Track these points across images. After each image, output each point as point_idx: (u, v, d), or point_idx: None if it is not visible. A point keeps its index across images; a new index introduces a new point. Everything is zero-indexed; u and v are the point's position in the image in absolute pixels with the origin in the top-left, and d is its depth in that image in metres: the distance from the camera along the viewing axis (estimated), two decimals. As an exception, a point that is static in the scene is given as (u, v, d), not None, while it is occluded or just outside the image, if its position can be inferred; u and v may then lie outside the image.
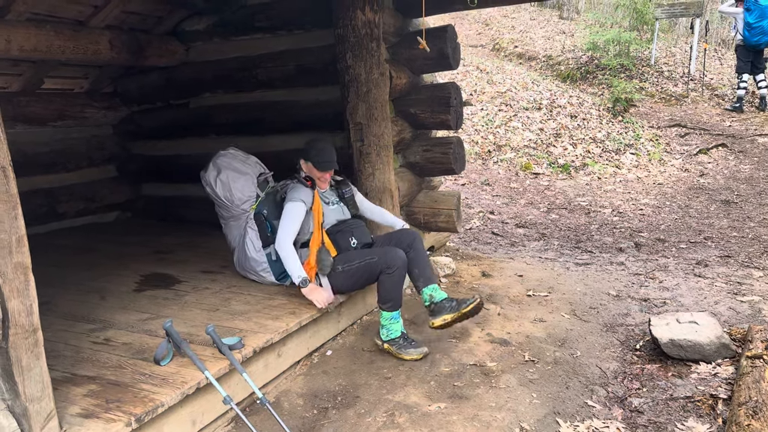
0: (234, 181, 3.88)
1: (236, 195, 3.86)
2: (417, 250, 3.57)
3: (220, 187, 3.90)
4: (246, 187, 3.88)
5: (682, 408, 2.91)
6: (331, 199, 3.79)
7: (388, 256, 3.40)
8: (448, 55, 4.58)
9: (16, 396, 2.04)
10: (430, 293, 3.47)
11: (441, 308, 3.39)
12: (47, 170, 5.66)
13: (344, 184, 3.90)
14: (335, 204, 3.79)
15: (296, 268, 3.38)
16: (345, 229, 3.69)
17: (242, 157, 4.09)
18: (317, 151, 3.62)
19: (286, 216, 3.50)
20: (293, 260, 3.39)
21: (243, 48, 5.26)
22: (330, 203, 3.76)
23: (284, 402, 3.07)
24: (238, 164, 3.98)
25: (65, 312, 3.49)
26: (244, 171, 3.95)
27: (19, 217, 2.01)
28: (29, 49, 4.29)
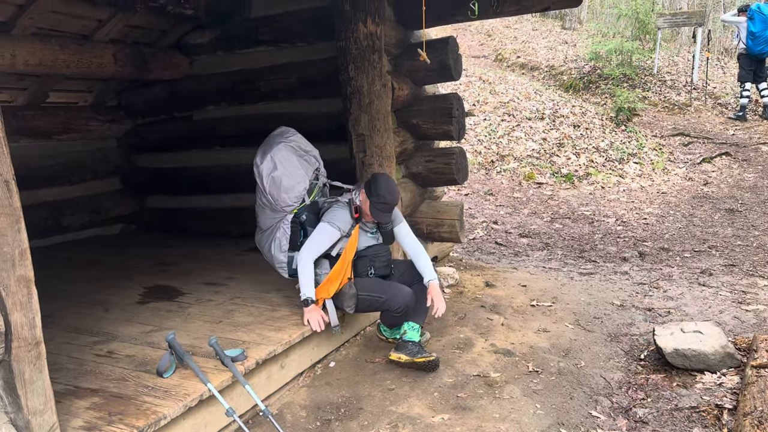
0: (287, 182, 3.60)
1: (283, 197, 3.62)
2: (422, 287, 3.54)
3: (270, 183, 3.62)
4: (295, 191, 3.62)
5: (687, 418, 2.89)
6: (370, 228, 3.65)
7: (397, 300, 3.41)
8: (450, 66, 4.60)
9: (19, 409, 2.04)
10: (406, 329, 3.48)
11: (403, 347, 3.43)
12: (52, 183, 5.70)
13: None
14: (373, 233, 3.66)
15: (307, 286, 3.37)
16: (369, 254, 3.60)
17: (304, 148, 3.76)
18: (379, 196, 3.37)
19: (317, 234, 3.45)
20: (308, 278, 3.38)
21: (246, 61, 5.31)
22: (368, 232, 3.64)
23: (287, 414, 3.06)
24: (296, 161, 3.67)
25: (68, 324, 3.50)
26: (300, 172, 3.65)
27: (22, 231, 2.02)
28: (34, 64, 4.34)
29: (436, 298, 3.44)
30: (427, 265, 3.59)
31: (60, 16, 4.41)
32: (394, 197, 3.42)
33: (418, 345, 3.44)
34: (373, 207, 3.39)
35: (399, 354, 3.41)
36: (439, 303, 3.44)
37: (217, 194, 5.95)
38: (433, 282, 3.50)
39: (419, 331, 3.49)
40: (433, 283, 3.50)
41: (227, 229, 5.89)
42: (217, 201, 5.99)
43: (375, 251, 3.63)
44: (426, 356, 3.37)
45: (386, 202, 3.37)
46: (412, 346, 3.41)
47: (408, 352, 3.39)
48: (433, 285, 3.49)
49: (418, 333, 3.47)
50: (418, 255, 3.64)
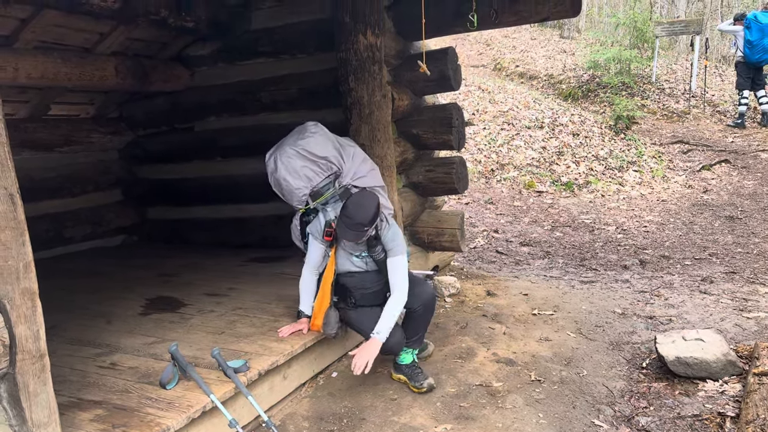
0: (285, 186, 3.50)
1: (286, 197, 3.57)
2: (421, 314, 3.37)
3: (273, 182, 3.57)
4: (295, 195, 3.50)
5: (689, 426, 2.89)
6: (359, 252, 3.38)
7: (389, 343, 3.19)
8: (449, 76, 4.63)
9: (23, 422, 2.05)
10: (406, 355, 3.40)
11: (399, 369, 3.43)
12: (54, 195, 5.71)
13: (375, 244, 3.29)
14: (361, 258, 3.39)
15: (303, 300, 3.47)
16: (351, 283, 3.41)
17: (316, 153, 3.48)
18: (345, 209, 3.16)
19: (309, 246, 3.49)
20: (302, 291, 3.48)
21: (247, 72, 5.34)
22: (353, 255, 3.39)
23: (290, 425, 3.06)
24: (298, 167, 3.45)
25: (71, 337, 3.51)
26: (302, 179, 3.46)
27: (27, 244, 2.04)
28: (36, 77, 4.37)
29: (359, 352, 3.10)
30: (388, 313, 3.18)
31: (62, 29, 4.44)
32: (359, 214, 3.10)
33: (412, 367, 3.39)
34: (339, 221, 3.19)
35: (398, 375, 3.43)
36: (357, 359, 3.06)
37: (217, 205, 5.97)
38: (375, 337, 3.11)
39: (414, 354, 3.43)
40: (375, 338, 3.11)
41: (228, 239, 5.91)
42: (218, 212, 6.01)
43: (360, 280, 3.40)
44: (418, 387, 3.29)
45: (349, 217, 3.10)
46: (406, 368, 3.39)
47: (405, 375, 3.39)
48: (373, 339, 3.12)
49: (412, 356, 3.41)
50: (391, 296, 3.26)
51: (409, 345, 3.39)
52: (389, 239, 3.30)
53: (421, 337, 3.48)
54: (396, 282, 3.26)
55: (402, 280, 3.26)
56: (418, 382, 3.31)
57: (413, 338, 3.40)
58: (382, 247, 3.29)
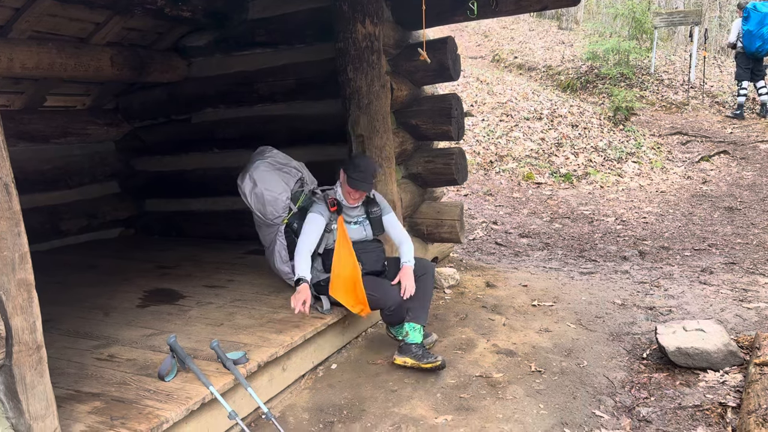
0: (269, 195, 3.79)
1: (269, 210, 3.81)
2: (421, 285, 3.54)
3: (254, 200, 3.84)
4: (280, 203, 3.80)
5: (690, 417, 2.88)
6: (356, 217, 3.71)
7: (388, 298, 3.41)
8: (449, 66, 4.59)
9: (20, 414, 2.03)
10: (408, 330, 3.45)
11: (407, 350, 3.41)
12: (50, 187, 5.68)
13: (374, 204, 3.75)
14: (357, 224, 3.72)
15: (300, 268, 3.41)
16: (356, 250, 3.62)
17: (282, 162, 3.97)
18: (355, 166, 3.51)
19: (305, 225, 3.59)
20: (302, 262, 3.43)
21: (244, 63, 5.29)
22: (351, 222, 3.70)
23: (289, 416, 3.05)
24: (275, 176, 3.86)
25: (69, 329, 3.49)
26: (281, 185, 3.83)
27: (22, 234, 2.01)
28: (31, 67, 4.32)
29: (404, 279, 3.48)
30: (408, 251, 3.67)
31: (57, 19, 4.39)
32: (370, 166, 3.56)
33: (422, 347, 3.42)
34: (351, 180, 3.49)
35: (404, 358, 3.39)
36: (406, 283, 3.45)
37: (215, 197, 5.93)
38: (407, 264, 3.56)
39: (422, 332, 3.46)
40: (407, 265, 3.55)
41: (226, 231, 5.88)
42: (216, 204, 5.97)
43: (363, 247, 3.66)
44: (432, 361, 3.34)
45: (362, 170, 3.47)
46: (416, 348, 3.39)
47: (413, 356, 3.37)
48: (406, 267, 3.55)
49: (420, 334, 3.45)
50: (402, 241, 3.75)
51: (416, 320, 3.46)
52: (379, 199, 3.80)
53: (427, 309, 3.57)
54: (400, 234, 3.78)
55: (403, 230, 3.81)
56: (431, 357, 3.36)
57: (421, 311, 3.50)
58: (378, 205, 3.74)
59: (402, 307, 3.45)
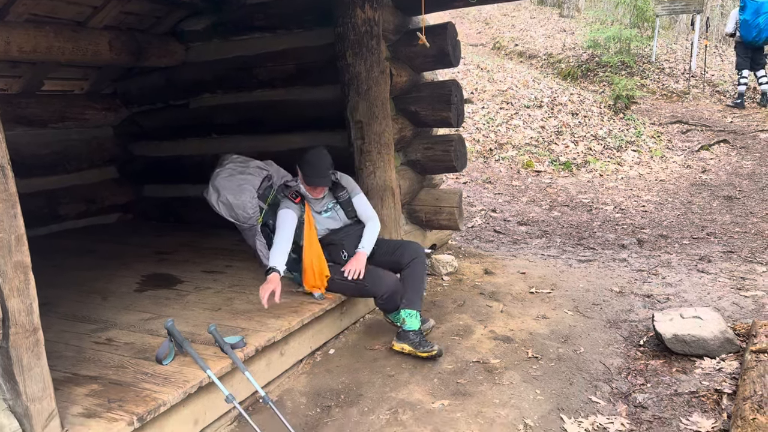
0: (234, 200, 3.77)
1: (239, 213, 3.79)
2: (413, 270, 3.57)
3: (223, 208, 3.82)
4: (248, 205, 3.78)
5: (686, 403, 2.89)
6: (325, 206, 3.74)
7: (380, 286, 3.45)
8: (449, 52, 4.57)
9: (17, 396, 2.03)
10: (404, 317, 3.43)
11: (405, 337, 3.40)
12: (47, 172, 5.65)
13: (339, 188, 3.75)
14: (329, 211, 3.75)
15: (273, 258, 3.38)
16: (337, 242, 3.69)
17: (241, 167, 3.92)
18: (307, 163, 3.52)
19: (278, 222, 3.56)
20: (275, 253, 3.41)
21: (242, 48, 5.25)
22: (322, 212, 3.73)
23: (287, 400, 3.06)
24: (236, 181, 3.82)
25: (67, 313, 3.49)
26: (244, 187, 3.80)
27: (18, 216, 2.00)
28: (29, 50, 4.29)
29: (351, 263, 3.49)
30: (369, 233, 3.66)
31: (54, 2, 4.35)
32: (323, 160, 3.52)
33: (419, 334, 3.41)
34: (306, 178, 3.52)
35: (402, 344, 3.39)
36: (352, 266, 3.45)
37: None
38: (361, 251, 3.56)
39: (419, 318, 3.45)
40: (360, 251, 3.55)
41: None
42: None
43: (344, 233, 3.72)
44: (428, 350, 3.33)
45: (315, 166, 3.49)
46: (414, 335, 3.38)
47: (410, 343, 3.36)
48: (358, 253, 3.55)
49: (417, 320, 3.43)
50: (366, 220, 3.76)
51: (411, 306, 3.44)
52: (345, 181, 3.78)
53: (422, 294, 3.55)
54: (367, 213, 3.78)
55: (371, 210, 3.81)
56: (428, 345, 3.35)
57: (415, 296, 3.49)
58: (345, 188, 3.74)
59: (395, 295, 3.47)
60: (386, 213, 4.37)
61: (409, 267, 3.57)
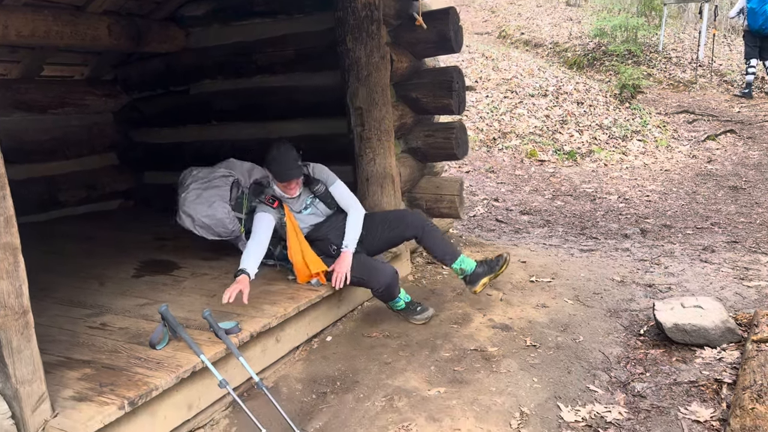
0: (210, 220, 3.69)
1: (220, 231, 3.73)
2: (429, 233, 3.64)
3: (202, 232, 3.75)
4: (226, 220, 3.70)
5: (685, 392, 2.86)
6: (304, 203, 3.63)
7: (377, 280, 3.44)
8: (450, 37, 4.50)
9: (7, 378, 2.02)
10: (461, 267, 3.60)
11: (476, 277, 3.57)
12: (47, 158, 5.63)
13: (314, 182, 3.61)
14: (308, 208, 3.65)
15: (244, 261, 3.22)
16: (322, 237, 3.61)
17: (204, 183, 3.77)
18: (273, 160, 3.40)
19: (253, 227, 3.45)
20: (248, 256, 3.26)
21: (242, 33, 5.21)
22: (302, 210, 3.63)
23: (282, 387, 3.04)
24: (205, 200, 3.70)
25: (62, 298, 3.48)
26: (216, 204, 3.69)
27: (8, 198, 1.98)
28: (27, 34, 4.26)
29: (337, 267, 3.40)
30: (351, 228, 3.53)
31: (52, -15, 4.33)
32: (288, 153, 3.39)
33: (482, 263, 3.61)
34: (276, 175, 3.41)
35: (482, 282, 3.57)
36: (338, 272, 3.37)
37: (215, 170, 5.89)
38: (345, 250, 3.46)
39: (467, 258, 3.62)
40: (345, 251, 3.46)
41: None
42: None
43: (329, 226, 3.63)
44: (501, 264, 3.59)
45: (281, 162, 3.37)
46: (480, 269, 3.58)
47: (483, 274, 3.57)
48: (342, 254, 3.45)
49: (469, 260, 3.62)
50: (347, 209, 3.63)
51: (455, 256, 3.61)
52: (318, 173, 3.63)
53: (449, 244, 3.70)
54: (347, 202, 3.63)
55: (351, 198, 3.66)
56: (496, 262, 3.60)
57: (450, 248, 3.65)
58: (319, 180, 3.60)
59: (392, 287, 3.47)
60: (386, 200, 4.34)
61: (424, 232, 3.62)
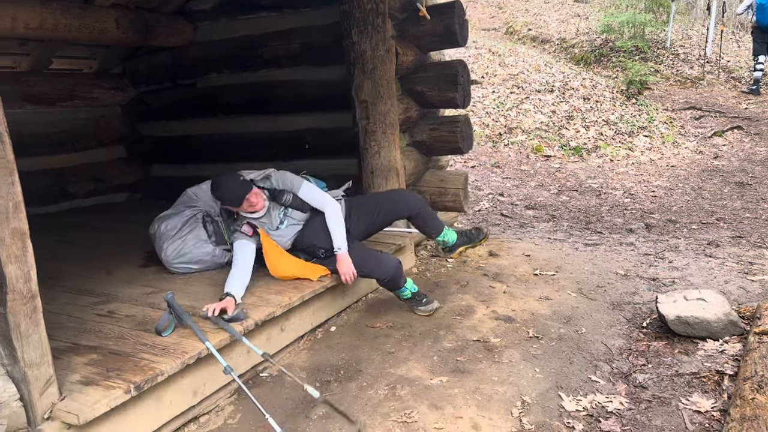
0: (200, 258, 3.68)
1: (214, 263, 3.72)
2: (423, 215, 3.79)
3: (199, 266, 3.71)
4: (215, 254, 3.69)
5: (687, 384, 2.87)
6: (277, 218, 3.49)
7: (380, 271, 3.47)
8: (456, 31, 4.51)
9: (15, 361, 2.05)
10: (444, 239, 3.85)
11: (456, 246, 3.89)
12: (56, 150, 5.69)
13: (280, 194, 3.46)
14: (284, 221, 3.50)
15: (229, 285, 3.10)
16: (308, 243, 3.52)
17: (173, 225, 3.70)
18: (217, 192, 3.35)
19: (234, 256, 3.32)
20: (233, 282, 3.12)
21: (249, 26, 5.25)
22: (279, 226, 3.49)
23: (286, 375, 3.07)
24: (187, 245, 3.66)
25: (70, 286, 3.52)
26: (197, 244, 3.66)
27: (16, 183, 2.01)
28: (35, 27, 4.30)
29: (340, 268, 3.38)
30: (334, 228, 3.41)
31: (61, -22, 4.36)
32: (225, 182, 3.30)
33: (462, 234, 3.92)
34: (228, 203, 3.37)
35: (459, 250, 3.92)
36: (343, 272, 3.37)
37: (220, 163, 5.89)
38: (339, 253, 3.39)
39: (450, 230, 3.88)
40: (339, 254, 3.39)
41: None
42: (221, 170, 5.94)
43: (310, 232, 3.51)
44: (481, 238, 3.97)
45: (228, 188, 3.28)
46: (460, 239, 3.89)
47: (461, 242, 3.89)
48: (338, 256, 3.39)
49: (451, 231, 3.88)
50: (325, 212, 3.46)
51: (441, 228, 3.83)
52: (281, 182, 3.49)
53: (437, 218, 3.88)
54: (319, 202, 3.50)
55: (322, 197, 3.51)
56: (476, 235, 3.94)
57: (436, 223, 3.84)
58: (284, 191, 3.47)
59: (396, 277, 3.50)
60: (390, 193, 4.35)
61: (419, 215, 3.76)
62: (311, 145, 5.22)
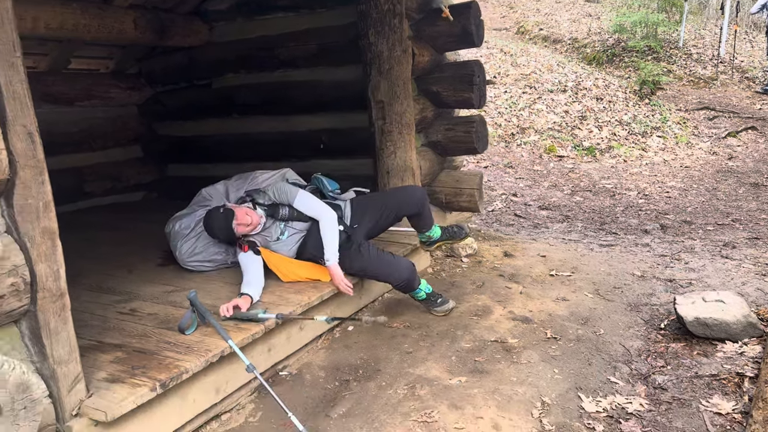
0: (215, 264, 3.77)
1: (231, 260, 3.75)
2: (423, 214, 3.86)
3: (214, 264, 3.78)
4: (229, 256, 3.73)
5: (707, 385, 2.87)
6: (277, 230, 3.52)
7: (395, 275, 3.46)
8: (472, 32, 4.52)
9: (44, 359, 2.08)
10: (429, 234, 3.96)
11: (437, 240, 4.02)
12: (74, 149, 5.74)
13: (276, 208, 3.50)
14: (284, 233, 3.53)
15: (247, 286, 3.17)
16: (313, 253, 3.50)
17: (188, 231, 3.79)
18: (211, 230, 3.45)
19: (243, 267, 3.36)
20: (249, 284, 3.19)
21: (265, 27, 5.27)
22: (279, 237, 3.52)
23: (306, 374, 3.09)
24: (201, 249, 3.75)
25: (93, 284, 3.56)
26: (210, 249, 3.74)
27: (46, 183, 2.04)
28: (55, 27, 4.35)
29: (335, 281, 3.36)
30: (327, 240, 3.38)
31: (81, -21, 4.41)
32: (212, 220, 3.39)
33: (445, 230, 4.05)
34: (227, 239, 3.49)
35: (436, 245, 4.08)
36: (337, 283, 3.35)
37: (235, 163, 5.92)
38: (329, 264, 3.36)
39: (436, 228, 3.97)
40: (329, 265, 3.36)
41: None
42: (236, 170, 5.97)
43: (312, 246, 3.49)
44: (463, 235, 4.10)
45: (214, 228, 3.40)
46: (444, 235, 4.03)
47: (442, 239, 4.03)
48: (329, 269, 3.37)
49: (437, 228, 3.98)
50: (320, 223, 3.44)
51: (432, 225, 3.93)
52: (277, 195, 3.51)
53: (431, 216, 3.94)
54: (314, 211, 3.48)
55: (318, 206, 3.49)
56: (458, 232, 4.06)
57: (429, 221, 3.92)
58: (280, 204, 3.50)
59: (410, 280, 3.50)
60: (406, 193, 4.36)
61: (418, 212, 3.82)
62: (327, 145, 5.24)
